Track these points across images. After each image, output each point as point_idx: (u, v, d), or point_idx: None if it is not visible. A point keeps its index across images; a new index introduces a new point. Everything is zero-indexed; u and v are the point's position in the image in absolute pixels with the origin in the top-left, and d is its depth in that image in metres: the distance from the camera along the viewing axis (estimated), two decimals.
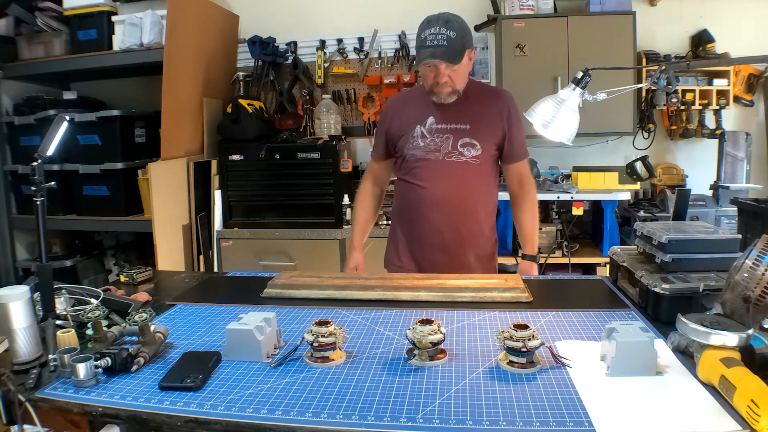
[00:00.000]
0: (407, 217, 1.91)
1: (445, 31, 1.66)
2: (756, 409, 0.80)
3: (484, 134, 1.83)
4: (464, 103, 1.83)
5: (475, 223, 1.88)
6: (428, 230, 1.86)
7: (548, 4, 3.16)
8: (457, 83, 1.77)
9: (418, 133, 1.84)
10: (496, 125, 1.85)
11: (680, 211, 1.67)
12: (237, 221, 3.19)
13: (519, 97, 1.93)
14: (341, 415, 0.90)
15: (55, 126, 1.33)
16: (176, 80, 2.94)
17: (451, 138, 1.82)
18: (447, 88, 1.76)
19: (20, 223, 3.40)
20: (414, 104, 1.89)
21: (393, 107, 1.96)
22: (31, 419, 0.97)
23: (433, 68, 1.73)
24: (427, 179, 1.84)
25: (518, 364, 1.05)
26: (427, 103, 1.85)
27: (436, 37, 1.67)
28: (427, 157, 1.84)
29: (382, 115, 1.99)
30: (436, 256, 1.87)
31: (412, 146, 1.85)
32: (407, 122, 1.87)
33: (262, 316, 1.15)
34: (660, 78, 1.46)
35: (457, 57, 1.70)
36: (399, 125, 1.90)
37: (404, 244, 1.94)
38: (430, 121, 1.84)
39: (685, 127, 3.20)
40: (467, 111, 1.83)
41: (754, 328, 1.00)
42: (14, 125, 3.27)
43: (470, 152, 1.82)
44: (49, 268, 1.24)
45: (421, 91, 1.87)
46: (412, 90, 2.05)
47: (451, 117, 1.83)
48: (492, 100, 1.87)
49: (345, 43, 3.48)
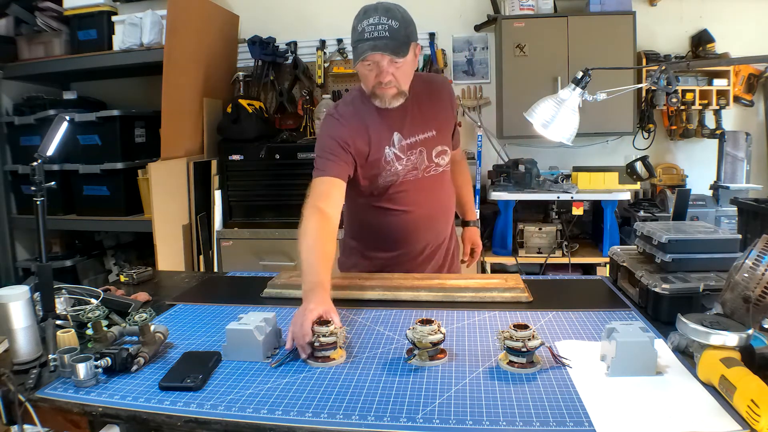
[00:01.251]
0: (383, 245, 1.72)
1: (386, 20, 1.42)
2: (756, 409, 0.80)
3: (448, 135, 1.70)
4: (418, 106, 1.62)
5: (450, 228, 1.83)
6: (412, 250, 1.71)
7: (548, 4, 3.16)
8: (402, 83, 1.51)
9: (390, 156, 1.59)
10: (450, 120, 1.71)
11: (680, 211, 1.67)
12: (237, 221, 3.19)
13: (519, 97, 1.92)
14: (341, 415, 0.90)
15: (55, 126, 1.33)
16: (176, 80, 2.94)
17: (424, 151, 1.63)
18: (391, 89, 1.50)
19: (20, 223, 3.40)
20: (369, 122, 1.59)
21: (345, 125, 1.58)
22: (31, 419, 0.97)
23: (374, 66, 1.47)
24: (411, 203, 1.65)
25: (518, 364, 1.05)
26: (382, 117, 1.58)
27: (375, 28, 1.42)
28: (407, 179, 1.63)
29: (332, 132, 1.58)
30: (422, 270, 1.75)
31: (390, 172, 1.60)
32: (373, 145, 1.58)
33: (262, 316, 1.16)
34: (660, 78, 1.46)
35: (402, 49, 1.44)
36: (363, 148, 1.58)
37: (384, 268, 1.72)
38: (397, 139, 1.59)
39: (685, 127, 3.20)
40: (426, 115, 1.63)
41: (754, 328, 1.00)
42: (14, 125, 3.27)
43: (444, 160, 1.68)
44: (49, 268, 1.24)
45: (369, 107, 1.58)
46: (354, 103, 1.63)
47: (415, 127, 1.61)
48: (440, 94, 1.68)
49: (345, 43, 3.48)
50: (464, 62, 3.49)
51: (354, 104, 1.63)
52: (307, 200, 1.49)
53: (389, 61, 1.46)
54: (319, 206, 1.46)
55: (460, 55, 3.49)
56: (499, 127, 3.21)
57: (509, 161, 3.18)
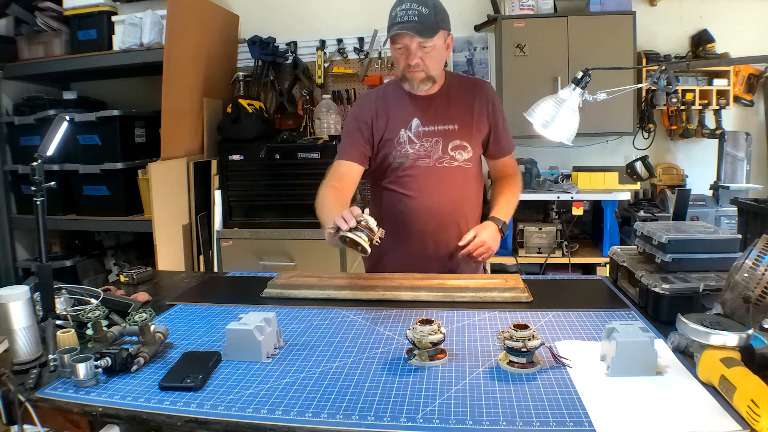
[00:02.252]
0: (392, 230, 1.67)
1: (416, 6, 1.53)
2: (756, 409, 0.80)
3: (473, 134, 1.72)
4: (447, 100, 1.71)
5: (458, 230, 1.74)
6: (418, 243, 1.73)
7: (548, 4, 3.16)
8: (431, 68, 1.61)
9: (404, 138, 1.69)
10: (482, 122, 1.73)
11: (680, 211, 1.67)
12: (237, 221, 3.19)
13: (519, 97, 1.92)
14: (341, 415, 0.90)
15: (55, 126, 1.33)
16: (176, 80, 2.94)
17: (440, 142, 1.70)
18: (419, 72, 1.61)
19: (20, 223, 3.40)
20: (393, 105, 1.72)
21: (369, 107, 1.74)
22: (31, 419, 0.97)
23: (404, 50, 1.59)
24: (418, 188, 1.70)
25: (518, 364, 1.05)
26: (407, 103, 1.70)
27: (407, 13, 1.53)
28: (417, 164, 1.70)
29: (357, 114, 1.75)
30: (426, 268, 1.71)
31: (400, 153, 1.70)
32: (390, 126, 1.71)
33: (262, 316, 1.15)
34: (660, 78, 1.46)
35: (429, 32, 1.54)
36: (381, 128, 1.71)
37: (389, 257, 1.77)
38: (415, 124, 1.69)
39: (685, 127, 3.20)
40: (452, 109, 1.71)
41: (754, 328, 1.00)
42: (14, 125, 3.27)
43: (462, 155, 1.71)
44: (49, 268, 1.24)
45: (397, 90, 1.73)
46: (387, 87, 1.80)
47: (437, 118, 1.70)
48: (474, 94, 1.74)
49: (345, 43, 3.48)
50: (464, 62, 3.49)
51: (386, 87, 1.80)
52: (325, 180, 1.70)
53: (417, 44, 1.57)
54: (334, 185, 1.67)
55: (460, 55, 3.49)
56: None
57: None
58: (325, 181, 1.69)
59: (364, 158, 1.72)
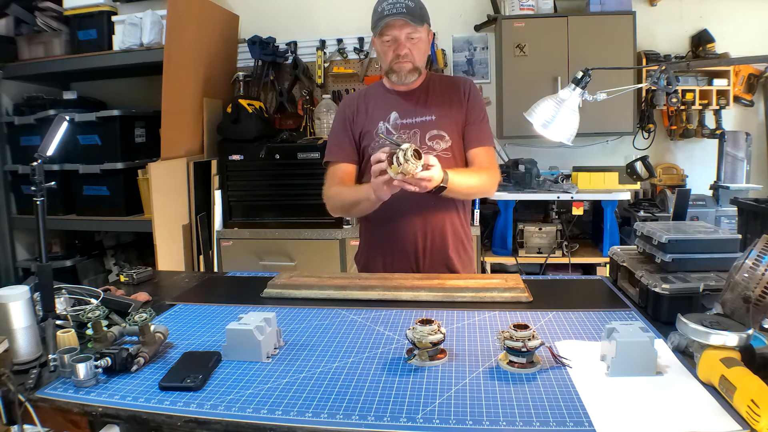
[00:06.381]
0: (376, 225, 1.78)
1: (403, 0, 1.60)
2: (756, 409, 0.80)
3: (450, 123, 1.74)
4: (426, 94, 1.76)
5: (452, 224, 1.77)
6: (403, 236, 1.73)
7: (548, 4, 3.16)
8: (417, 59, 1.68)
9: (382, 130, 1.73)
10: (459, 111, 1.76)
11: (680, 211, 1.67)
12: (237, 221, 3.19)
13: (519, 97, 1.91)
14: (341, 415, 0.90)
15: (55, 126, 1.33)
16: (176, 80, 2.94)
17: (418, 132, 1.73)
18: (407, 63, 1.67)
19: (20, 223, 3.40)
20: (374, 100, 1.79)
21: (351, 104, 1.82)
22: (31, 419, 0.97)
23: (392, 42, 1.65)
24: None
25: (518, 364, 1.05)
26: (387, 98, 1.77)
27: (394, 6, 1.60)
28: None
29: (340, 114, 1.83)
30: (413, 263, 1.75)
31: (378, 145, 1.71)
32: (369, 119, 1.76)
33: (262, 316, 1.15)
34: (660, 78, 1.46)
35: (418, 20, 1.61)
36: (361, 122, 1.78)
37: (376, 251, 1.80)
38: (393, 117, 1.74)
39: (685, 127, 3.20)
40: (430, 102, 1.75)
41: (754, 328, 1.00)
42: (14, 125, 3.27)
43: (440, 145, 1.73)
44: (49, 268, 1.24)
45: (379, 89, 1.81)
46: (369, 87, 1.89)
47: (415, 110, 1.74)
48: (452, 87, 1.78)
49: (345, 43, 3.48)
50: (464, 62, 3.49)
51: (369, 87, 1.88)
52: (326, 185, 1.79)
53: (406, 35, 1.64)
54: (338, 185, 1.74)
55: (460, 55, 3.49)
56: (499, 127, 3.20)
57: (509, 161, 3.18)
58: (327, 186, 1.78)
59: (353, 156, 1.79)
